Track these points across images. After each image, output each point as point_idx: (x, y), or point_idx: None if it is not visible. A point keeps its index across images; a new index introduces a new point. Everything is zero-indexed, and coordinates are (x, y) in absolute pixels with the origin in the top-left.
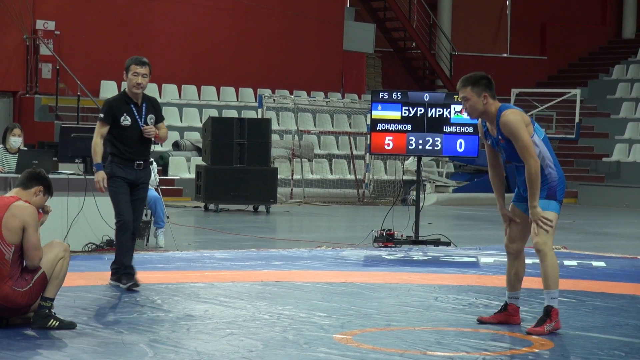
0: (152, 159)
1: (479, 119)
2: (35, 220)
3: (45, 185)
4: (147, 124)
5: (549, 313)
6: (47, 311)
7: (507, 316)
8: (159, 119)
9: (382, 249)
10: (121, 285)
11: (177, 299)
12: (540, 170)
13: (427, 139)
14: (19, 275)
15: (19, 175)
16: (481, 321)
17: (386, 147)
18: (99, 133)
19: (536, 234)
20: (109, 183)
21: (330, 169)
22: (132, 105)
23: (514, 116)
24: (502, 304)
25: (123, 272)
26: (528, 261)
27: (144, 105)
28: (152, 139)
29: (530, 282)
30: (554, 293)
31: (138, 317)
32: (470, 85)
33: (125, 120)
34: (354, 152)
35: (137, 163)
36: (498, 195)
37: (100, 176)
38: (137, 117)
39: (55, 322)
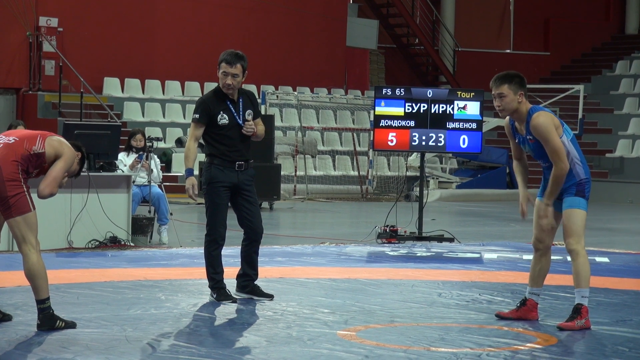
0: (155, 155)
1: (507, 118)
2: (71, 159)
3: (82, 161)
4: (246, 120)
5: (579, 311)
6: (52, 311)
7: (525, 311)
8: (257, 114)
9: (385, 245)
10: (210, 298)
11: (180, 296)
12: (568, 171)
13: (430, 135)
14: (25, 170)
15: None
16: (500, 316)
17: (389, 143)
18: (193, 135)
19: (568, 235)
20: (208, 190)
21: (334, 165)
22: (228, 102)
23: (545, 119)
24: (521, 298)
25: (212, 286)
26: (524, 257)
27: (240, 100)
28: (251, 136)
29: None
30: (585, 292)
31: (142, 314)
32: (507, 83)
33: (223, 119)
34: (357, 149)
35: (237, 164)
36: (521, 185)
37: (191, 183)
38: (235, 114)
39: (61, 322)
